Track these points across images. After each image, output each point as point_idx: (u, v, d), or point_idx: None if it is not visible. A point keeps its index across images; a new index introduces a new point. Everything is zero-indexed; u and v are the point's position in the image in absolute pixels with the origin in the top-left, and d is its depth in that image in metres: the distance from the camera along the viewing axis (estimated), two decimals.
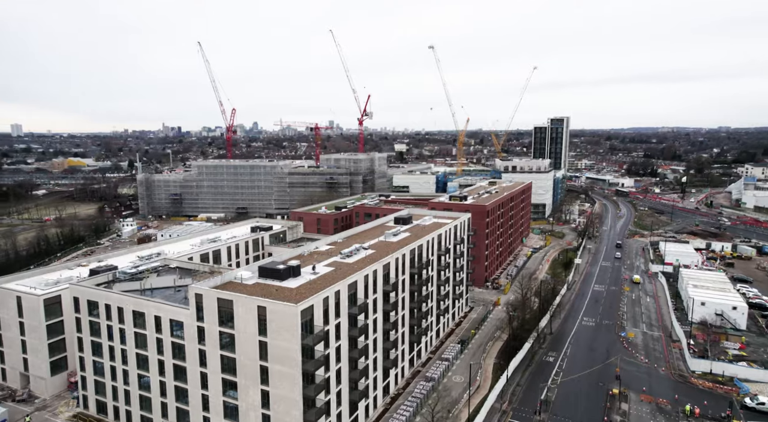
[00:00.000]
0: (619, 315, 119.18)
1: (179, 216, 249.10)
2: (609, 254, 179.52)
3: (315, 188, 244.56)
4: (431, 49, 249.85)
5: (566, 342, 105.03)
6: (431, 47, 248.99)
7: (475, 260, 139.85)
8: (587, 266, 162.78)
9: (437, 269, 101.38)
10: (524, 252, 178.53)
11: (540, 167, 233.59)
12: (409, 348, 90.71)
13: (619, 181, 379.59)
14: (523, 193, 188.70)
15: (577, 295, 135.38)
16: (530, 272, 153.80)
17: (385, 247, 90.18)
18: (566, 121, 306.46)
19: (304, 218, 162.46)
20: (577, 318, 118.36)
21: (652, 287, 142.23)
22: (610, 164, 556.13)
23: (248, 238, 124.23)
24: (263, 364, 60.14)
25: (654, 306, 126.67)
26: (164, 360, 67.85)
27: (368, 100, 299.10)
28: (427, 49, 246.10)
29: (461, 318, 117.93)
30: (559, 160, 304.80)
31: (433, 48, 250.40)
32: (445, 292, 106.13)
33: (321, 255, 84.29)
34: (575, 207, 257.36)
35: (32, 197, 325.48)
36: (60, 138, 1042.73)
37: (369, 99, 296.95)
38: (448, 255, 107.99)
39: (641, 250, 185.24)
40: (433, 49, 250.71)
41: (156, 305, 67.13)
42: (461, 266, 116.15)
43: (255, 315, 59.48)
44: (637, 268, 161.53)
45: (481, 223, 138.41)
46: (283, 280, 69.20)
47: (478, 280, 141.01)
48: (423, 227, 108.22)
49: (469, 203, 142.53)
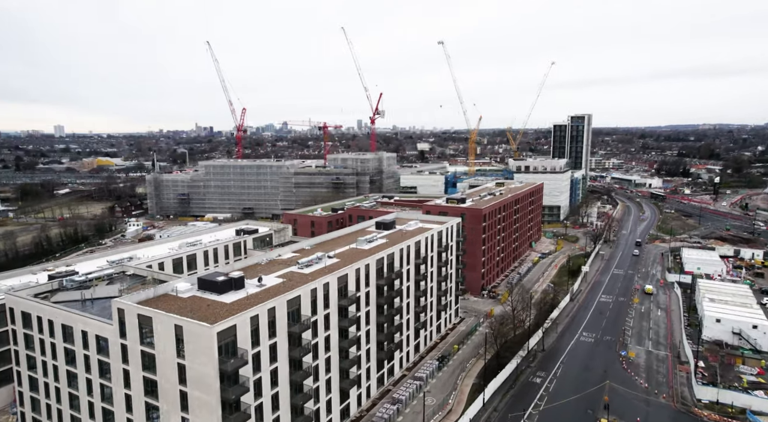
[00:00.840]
0: (623, 331, 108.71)
1: (187, 216, 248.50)
2: (623, 260, 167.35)
3: (321, 189, 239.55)
4: (441, 44, 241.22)
5: (558, 361, 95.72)
6: (441, 43, 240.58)
7: (470, 268, 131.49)
8: (597, 275, 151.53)
9: (415, 279, 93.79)
10: (532, 258, 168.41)
11: (555, 167, 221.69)
12: (378, 366, 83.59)
13: (646, 181, 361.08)
14: (531, 194, 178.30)
15: (581, 306, 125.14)
16: (533, 281, 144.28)
17: (354, 255, 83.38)
18: (587, 118, 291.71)
19: (298, 220, 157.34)
20: (576, 333, 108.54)
21: (665, 298, 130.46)
22: (639, 164, 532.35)
23: (229, 242, 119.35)
24: (182, 389, 54.31)
25: (664, 321, 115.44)
26: (92, 378, 62.96)
27: (380, 98, 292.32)
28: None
29: (448, 330, 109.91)
30: (579, 159, 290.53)
31: (442, 43, 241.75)
32: (424, 304, 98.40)
33: (278, 265, 78.12)
34: (594, 209, 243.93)
35: (53, 196, 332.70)
36: (98, 138, 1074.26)
37: (381, 97, 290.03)
38: (431, 263, 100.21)
39: (660, 256, 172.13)
40: (443, 44, 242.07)
41: (83, 319, 62.24)
42: (447, 275, 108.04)
43: (173, 335, 53.70)
44: (652, 277, 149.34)
45: (477, 227, 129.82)
46: (221, 293, 63.28)
47: (473, 288, 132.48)
48: (404, 233, 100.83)
49: (464, 207, 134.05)
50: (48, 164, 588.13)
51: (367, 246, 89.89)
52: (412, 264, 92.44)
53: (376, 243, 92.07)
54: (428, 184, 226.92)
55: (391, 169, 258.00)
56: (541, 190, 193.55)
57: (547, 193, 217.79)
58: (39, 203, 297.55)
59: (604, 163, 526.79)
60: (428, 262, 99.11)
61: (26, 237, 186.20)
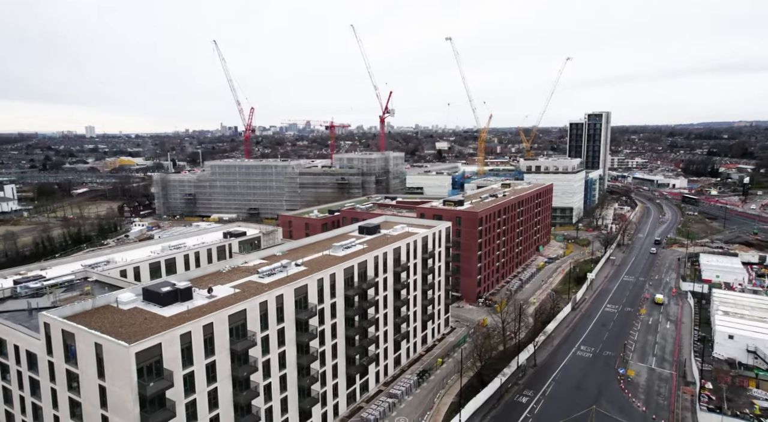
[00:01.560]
0: (626, 345, 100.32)
1: (193, 216, 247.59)
2: (636, 266, 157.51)
3: (326, 189, 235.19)
4: (449, 40, 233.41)
5: (550, 378, 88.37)
6: (448, 39, 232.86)
7: (465, 274, 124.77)
8: (605, 282, 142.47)
9: (394, 288, 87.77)
10: (537, 263, 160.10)
11: (567, 167, 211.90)
12: (348, 382, 77.99)
13: (669, 181, 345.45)
14: (538, 196, 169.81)
15: (583, 317, 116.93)
16: (535, 288, 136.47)
17: (326, 262, 77.98)
18: (606, 116, 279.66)
19: (293, 223, 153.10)
20: (573, 347, 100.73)
21: (677, 310, 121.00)
22: (665, 163, 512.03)
23: (213, 245, 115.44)
24: (104, 413, 49.82)
25: (673, 336, 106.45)
26: (24, 396, 59.21)
27: (390, 97, 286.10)
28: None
29: (436, 341, 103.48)
30: (597, 158, 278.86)
31: (450, 40, 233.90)
32: (406, 314, 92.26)
33: (239, 273, 73.28)
34: (610, 211, 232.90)
35: (69, 195, 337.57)
36: (126, 138, 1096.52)
37: (391, 96, 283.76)
38: (414, 271, 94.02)
39: (676, 262, 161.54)
40: (450, 40, 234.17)
41: (15, 332, 58.48)
42: (433, 283, 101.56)
43: (93, 354, 49.23)
44: (665, 285, 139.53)
45: (472, 231, 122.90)
46: (164, 305, 58.77)
47: (469, 296, 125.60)
48: (387, 239, 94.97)
49: (461, 209, 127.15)
50: (74, 164, 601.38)
51: (342, 253, 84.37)
52: (390, 272, 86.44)
53: (354, 249, 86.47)
54: (434, 184, 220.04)
55: (398, 169, 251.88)
56: (550, 191, 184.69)
57: (559, 194, 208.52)
58: (54, 203, 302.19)
59: (627, 162, 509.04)
60: (411, 270, 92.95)
61: (28, 237, 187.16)
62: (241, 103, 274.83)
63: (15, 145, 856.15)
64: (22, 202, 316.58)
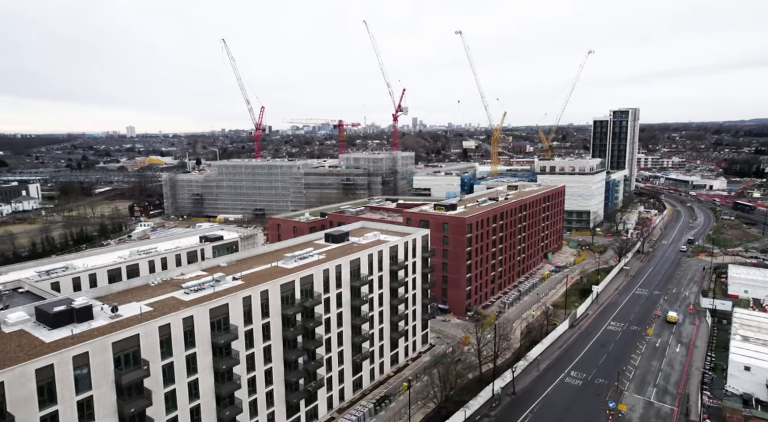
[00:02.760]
0: (623, 372, 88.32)
1: (200, 217, 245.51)
2: (653, 277, 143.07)
3: (331, 190, 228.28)
4: (458, 34, 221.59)
5: (527, 410, 77.74)
6: (458, 32, 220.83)
7: (453, 284, 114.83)
8: (614, 294, 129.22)
9: (352, 304, 79.08)
10: (544, 272, 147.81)
11: (584, 168, 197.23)
12: (288, 411, 69.90)
13: (706, 182, 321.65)
14: (547, 199, 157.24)
15: (581, 335, 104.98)
16: (534, 301, 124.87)
17: (269, 275, 70.30)
18: (633, 113, 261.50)
19: (281, 226, 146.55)
20: (562, 372, 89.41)
21: (691, 330, 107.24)
22: (705, 162, 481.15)
23: (183, 251, 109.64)
24: None
25: (682, 362, 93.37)
26: None
27: (403, 94, 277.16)
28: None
29: (409, 361, 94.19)
30: (622, 158, 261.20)
31: (460, 33, 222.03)
32: (369, 332, 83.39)
33: (168, 287, 66.37)
34: (634, 215, 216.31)
35: (89, 194, 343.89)
36: (162, 138, 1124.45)
37: (404, 93, 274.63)
38: (379, 285, 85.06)
39: (700, 273, 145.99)
40: (460, 34, 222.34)
41: None
42: (406, 298, 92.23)
43: None
44: (684, 300, 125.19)
45: (460, 239, 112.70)
46: (54, 327, 52.28)
47: (457, 309, 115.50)
48: (352, 248, 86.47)
49: (449, 215, 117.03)
50: (108, 163, 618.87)
51: (293, 264, 76.33)
52: (347, 286, 77.82)
53: (308, 260, 78.30)
54: (442, 185, 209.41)
55: (407, 169, 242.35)
56: (561, 193, 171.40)
57: (575, 196, 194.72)
58: (72, 202, 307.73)
59: (662, 162, 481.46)
60: (375, 283, 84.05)
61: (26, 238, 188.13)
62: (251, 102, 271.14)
63: (61, 145, 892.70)
64: (46, 200, 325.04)
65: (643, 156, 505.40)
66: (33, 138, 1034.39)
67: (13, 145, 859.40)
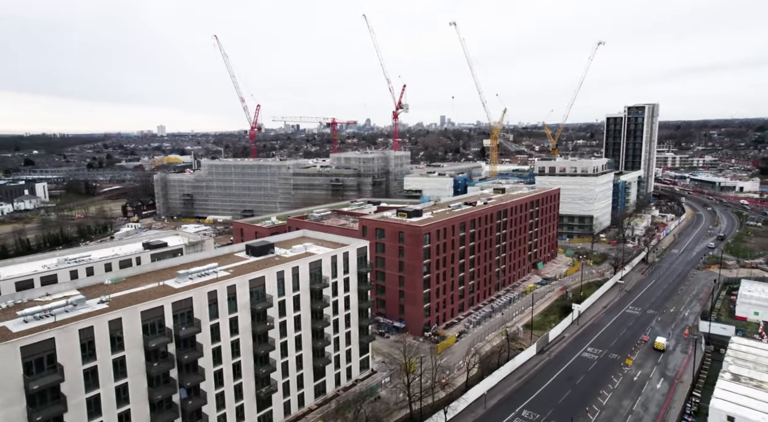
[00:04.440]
0: (585, 413, 74.46)
1: (190, 217, 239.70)
2: (650, 294, 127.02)
3: (320, 191, 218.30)
4: (453, 25, 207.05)
5: None
6: (452, 24, 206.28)
7: (410, 300, 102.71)
8: (601, 313, 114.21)
9: (254, 330, 68.13)
10: (528, 284, 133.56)
11: (587, 169, 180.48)
12: None
13: (736, 184, 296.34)
14: (535, 204, 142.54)
15: (549, 364, 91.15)
16: (505, 319, 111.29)
17: (148, 296, 60.34)
18: (651, 109, 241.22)
19: (244, 230, 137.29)
20: (513, 411, 76.19)
21: (681, 360, 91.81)
22: (741, 161, 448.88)
23: (116, 259, 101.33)
24: None
25: (660, 402, 78.62)
26: None
27: (403, 91, 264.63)
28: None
29: (340, 391, 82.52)
30: (637, 157, 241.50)
31: (455, 25, 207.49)
32: (279, 361, 72.18)
33: (22, 308, 57.09)
34: (645, 220, 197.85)
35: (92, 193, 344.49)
36: (191, 137, 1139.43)
37: (404, 90, 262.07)
38: (295, 306, 73.88)
39: (708, 289, 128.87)
40: (455, 25, 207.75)
41: None
42: (337, 319, 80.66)
43: None
44: (680, 322, 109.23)
45: (416, 249, 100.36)
46: None
47: (414, 328, 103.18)
48: (272, 261, 75.79)
49: (408, 223, 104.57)
50: (129, 161, 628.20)
51: (183, 283, 66.03)
52: (245, 310, 66.94)
53: (203, 279, 67.92)
54: (435, 187, 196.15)
55: (402, 169, 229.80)
56: (555, 197, 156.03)
57: (577, 200, 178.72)
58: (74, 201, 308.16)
59: (692, 161, 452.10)
60: (290, 304, 72.95)
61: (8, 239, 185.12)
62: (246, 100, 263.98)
63: (94, 144, 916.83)
64: (53, 200, 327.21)
65: (671, 155, 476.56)
66: (70, 137, 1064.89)
67: (50, 144, 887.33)
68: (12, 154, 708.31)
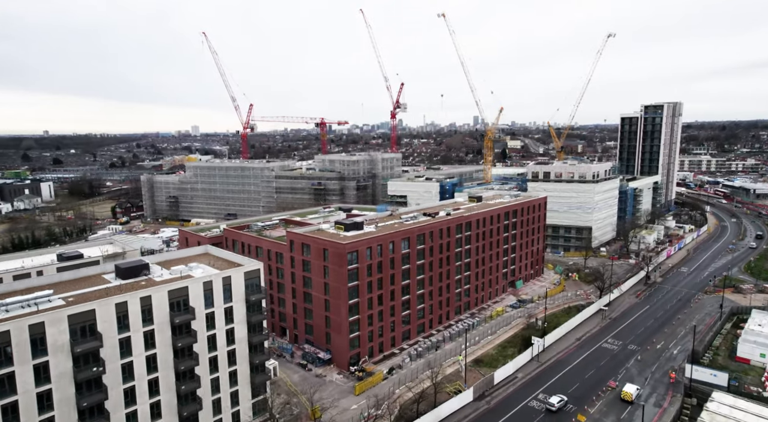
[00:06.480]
0: None
1: (174, 220, 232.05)
2: (638, 323, 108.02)
3: (303, 194, 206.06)
4: (442, 17, 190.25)
5: None
6: (442, 15, 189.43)
7: (335, 328, 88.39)
8: (572, 348, 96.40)
9: (77, 379, 55.46)
10: (497, 307, 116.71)
11: (585, 174, 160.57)
12: None
13: None
14: (513, 215, 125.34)
15: (485, 414, 74.90)
16: (455, 351, 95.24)
17: None
18: (671, 108, 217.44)
19: (189, 239, 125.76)
20: None
21: (652, 416, 73.70)
22: None
23: (10, 273, 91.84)
24: None
25: None
26: None
27: (401, 89, 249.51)
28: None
29: None
30: (655, 161, 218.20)
31: (444, 16, 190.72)
32: (128, 411, 59.30)
33: None
34: (655, 233, 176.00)
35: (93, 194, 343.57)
36: (221, 137, 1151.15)
37: (402, 89, 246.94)
38: (150, 342, 60.95)
39: (711, 319, 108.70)
40: (444, 17, 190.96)
41: None
42: (216, 356, 67.25)
43: None
44: (666, 361, 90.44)
45: (340, 271, 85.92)
46: None
47: (340, 360, 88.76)
48: (138, 286, 63.29)
49: (331, 239, 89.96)
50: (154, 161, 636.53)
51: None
52: (64, 352, 54.40)
53: (19, 312, 55.94)
54: (419, 192, 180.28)
55: (391, 172, 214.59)
56: (542, 206, 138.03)
57: (574, 209, 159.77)
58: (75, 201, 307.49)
59: (729, 165, 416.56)
60: (140, 341, 60.06)
61: None
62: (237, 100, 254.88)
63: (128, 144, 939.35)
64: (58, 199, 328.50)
65: (707, 158, 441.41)
66: (110, 137, 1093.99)
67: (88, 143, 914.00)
68: (50, 153, 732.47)
